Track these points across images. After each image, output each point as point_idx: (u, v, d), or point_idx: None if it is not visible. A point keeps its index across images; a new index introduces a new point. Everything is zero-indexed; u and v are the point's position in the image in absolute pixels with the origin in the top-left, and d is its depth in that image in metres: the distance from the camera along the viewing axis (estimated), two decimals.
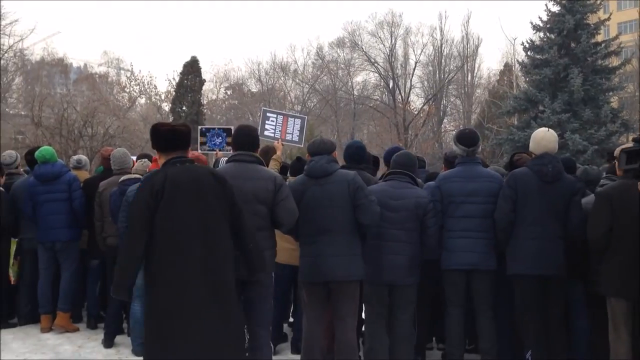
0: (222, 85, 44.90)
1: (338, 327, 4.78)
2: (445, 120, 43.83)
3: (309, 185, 4.81)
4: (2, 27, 33.95)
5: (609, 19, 29.24)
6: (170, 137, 4.02)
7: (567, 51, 26.34)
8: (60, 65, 42.88)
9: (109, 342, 6.22)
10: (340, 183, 4.73)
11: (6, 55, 35.27)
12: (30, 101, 24.77)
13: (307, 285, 4.88)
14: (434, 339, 6.17)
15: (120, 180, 6.23)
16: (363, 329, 5.33)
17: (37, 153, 6.90)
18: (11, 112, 33.76)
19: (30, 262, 7.05)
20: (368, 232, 4.85)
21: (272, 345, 4.85)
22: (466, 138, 5.28)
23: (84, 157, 7.97)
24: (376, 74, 42.52)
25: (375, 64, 41.84)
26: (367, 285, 4.98)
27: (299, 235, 4.90)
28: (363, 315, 5.26)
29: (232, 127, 8.36)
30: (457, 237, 5.07)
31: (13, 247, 7.06)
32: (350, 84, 43.04)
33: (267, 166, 5.87)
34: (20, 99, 33.75)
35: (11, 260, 7.03)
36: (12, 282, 7.06)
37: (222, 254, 3.89)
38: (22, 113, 29.48)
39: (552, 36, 26.95)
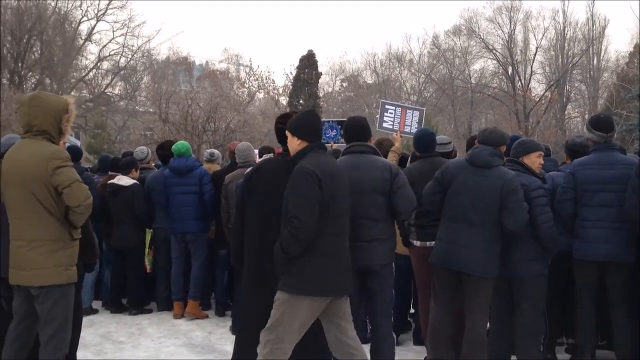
0: (337, 78, 45.26)
1: (468, 319, 4.69)
2: (569, 107, 41.86)
3: (465, 171, 4.73)
4: (130, 29, 36.08)
5: None
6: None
7: None
8: (184, 64, 44.76)
9: (237, 329, 6.46)
10: (496, 180, 4.59)
11: (135, 55, 37.37)
12: (158, 99, 25.96)
13: (438, 270, 4.82)
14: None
15: (245, 172, 6.42)
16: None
17: (173, 147, 7.27)
18: (140, 109, 35.67)
19: (164, 250, 7.45)
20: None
21: (394, 335, 4.87)
22: (602, 124, 5.04)
23: (216, 151, 8.29)
24: (494, 61, 41.17)
25: (494, 51, 40.54)
26: None
27: (441, 217, 4.82)
28: None
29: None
30: (592, 227, 4.84)
31: (148, 237, 7.48)
32: (467, 72, 42.00)
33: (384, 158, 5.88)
34: (148, 97, 35.53)
35: (146, 250, 7.47)
36: (147, 271, 7.50)
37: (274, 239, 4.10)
38: (151, 110, 31.01)
39: None
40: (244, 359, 4.29)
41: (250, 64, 40.03)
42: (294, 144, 4.10)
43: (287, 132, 4.15)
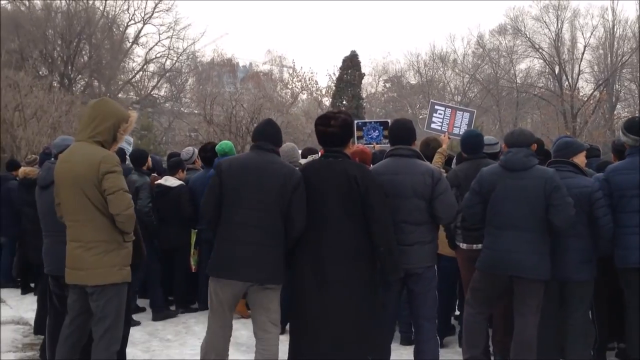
0: (381, 78, 45.12)
1: (518, 322, 4.66)
2: (618, 106, 40.86)
3: (503, 176, 4.68)
4: (176, 31, 36.66)
5: None
6: None
7: None
8: (228, 65, 45.17)
9: (281, 329, 6.47)
10: (537, 179, 4.57)
11: (180, 58, 37.92)
12: (203, 100, 26.34)
13: (485, 275, 4.78)
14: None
15: None
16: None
17: (217, 147, 7.39)
18: (185, 111, 36.18)
19: (208, 250, 7.53)
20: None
21: (438, 338, 4.86)
22: (637, 127, 4.92)
23: None
24: (541, 61, 40.58)
25: (540, 50, 39.91)
26: None
27: (485, 225, 4.79)
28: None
29: (389, 120, 8.35)
30: (632, 233, 4.72)
31: (193, 238, 7.58)
32: (512, 72, 41.43)
33: (431, 158, 5.86)
34: (193, 98, 35.98)
35: (192, 250, 7.57)
36: (193, 270, 7.60)
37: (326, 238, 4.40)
38: (196, 112, 31.44)
39: None
40: (301, 359, 4.33)
41: (294, 65, 40.22)
42: None
43: None
